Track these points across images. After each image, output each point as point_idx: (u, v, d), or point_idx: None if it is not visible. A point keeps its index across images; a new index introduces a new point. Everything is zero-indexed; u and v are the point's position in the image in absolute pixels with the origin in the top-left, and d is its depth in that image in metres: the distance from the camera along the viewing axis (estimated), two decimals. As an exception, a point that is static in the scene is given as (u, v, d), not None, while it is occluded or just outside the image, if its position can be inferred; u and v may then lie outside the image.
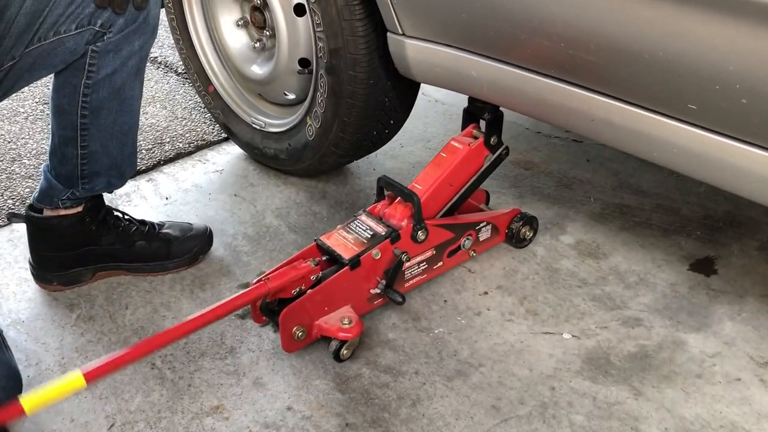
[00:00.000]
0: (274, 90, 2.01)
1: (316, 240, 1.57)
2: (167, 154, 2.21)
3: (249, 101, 2.13)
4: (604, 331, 1.54)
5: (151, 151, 2.22)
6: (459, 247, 1.68)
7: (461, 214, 1.73)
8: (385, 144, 2.02)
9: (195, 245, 1.74)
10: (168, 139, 2.29)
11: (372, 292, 1.55)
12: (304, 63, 1.86)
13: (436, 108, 2.48)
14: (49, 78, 1.49)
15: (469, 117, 1.74)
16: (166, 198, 2.02)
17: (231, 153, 2.23)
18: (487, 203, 1.87)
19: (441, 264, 1.67)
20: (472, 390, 1.41)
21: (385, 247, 1.53)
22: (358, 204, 1.98)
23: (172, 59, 2.83)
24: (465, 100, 1.75)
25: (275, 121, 2.05)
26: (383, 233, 1.55)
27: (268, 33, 1.97)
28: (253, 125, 2.09)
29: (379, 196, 1.67)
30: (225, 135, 2.28)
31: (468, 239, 1.69)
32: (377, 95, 1.76)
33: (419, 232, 1.56)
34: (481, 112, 1.70)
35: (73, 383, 1.17)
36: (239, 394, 1.41)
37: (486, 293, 1.65)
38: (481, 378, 1.44)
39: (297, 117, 1.95)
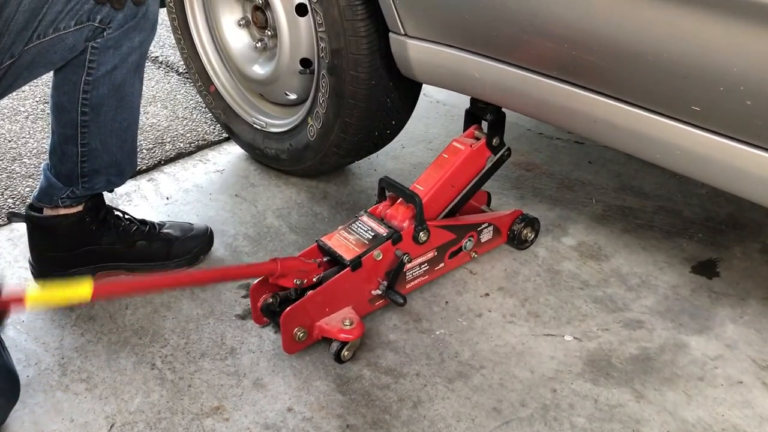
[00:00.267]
0: (275, 90, 2.01)
1: (317, 241, 1.57)
2: (168, 153, 2.21)
3: (250, 101, 2.13)
4: (605, 333, 1.53)
5: (152, 151, 2.22)
6: (460, 249, 1.68)
7: (463, 215, 1.73)
8: (387, 145, 2.01)
9: (196, 245, 1.74)
10: (169, 139, 2.28)
11: (373, 293, 1.55)
12: (305, 63, 1.86)
13: (437, 109, 2.48)
14: (49, 77, 1.49)
15: (471, 118, 1.74)
16: (166, 198, 2.02)
17: (232, 153, 2.23)
18: (489, 204, 1.87)
19: (442, 265, 1.66)
20: (473, 392, 1.41)
21: (387, 248, 1.53)
22: (359, 205, 1.97)
23: (173, 59, 2.82)
24: (466, 101, 1.74)
25: (276, 122, 2.05)
26: (385, 234, 1.54)
27: (269, 33, 1.96)
28: (255, 125, 2.08)
29: (381, 197, 1.66)
30: (226, 135, 2.28)
31: (470, 240, 1.69)
32: (379, 96, 1.76)
33: (421, 233, 1.56)
34: (484, 112, 1.69)
35: (80, 292, 1.18)
36: (239, 395, 1.41)
37: (487, 295, 1.65)
38: (482, 380, 1.43)
39: (298, 117, 1.94)
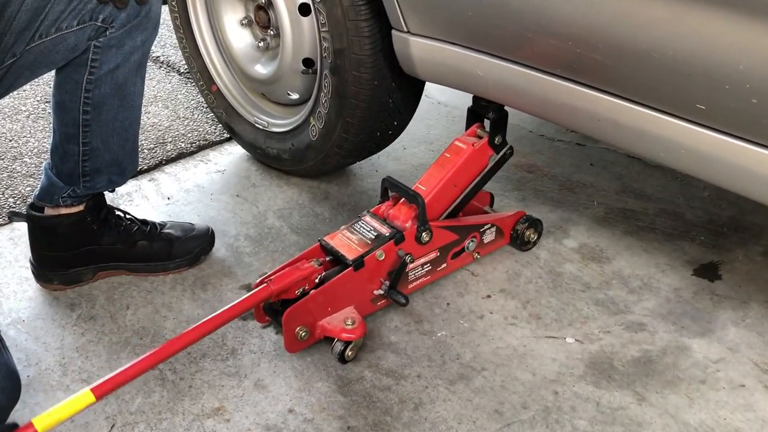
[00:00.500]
0: (277, 90, 2.00)
1: (319, 240, 1.57)
2: (169, 153, 2.21)
3: (252, 101, 2.13)
4: (607, 336, 1.53)
5: (153, 151, 2.21)
6: (463, 249, 1.68)
7: (465, 215, 1.72)
8: (388, 145, 2.01)
9: (197, 246, 1.73)
10: (170, 139, 2.28)
11: (375, 293, 1.55)
12: (308, 63, 1.86)
13: (439, 110, 2.48)
14: (51, 76, 1.49)
15: (474, 116, 1.73)
16: (167, 198, 2.01)
17: (233, 153, 2.22)
18: (492, 205, 1.86)
19: (445, 266, 1.66)
20: (474, 394, 1.40)
21: (389, 248, 1.53)
22: (360, 205, 1.97)
23: (174, 58, 2.82)
24: (468, 102, 1.74)
25: (278, 121, 2.04)
26: (387, 234, 1.54)
27: (272, 32, 1.96)
28: (256, 125, 2.08)
29: (384, 197, 1.66)
30: (227, 135, 2.28)
31: (472, 241, 1.69)
32: (381, 96, 1.76)
33: (423, 233, 1.56)
34: (486, 111, 1.69)
35: (84, 400, 1.20)
36: (240, 395, 1.41)
37: (489, 296, 1.65)
38: (484, 382, 1.43)
39: (300, 117, 1.94)
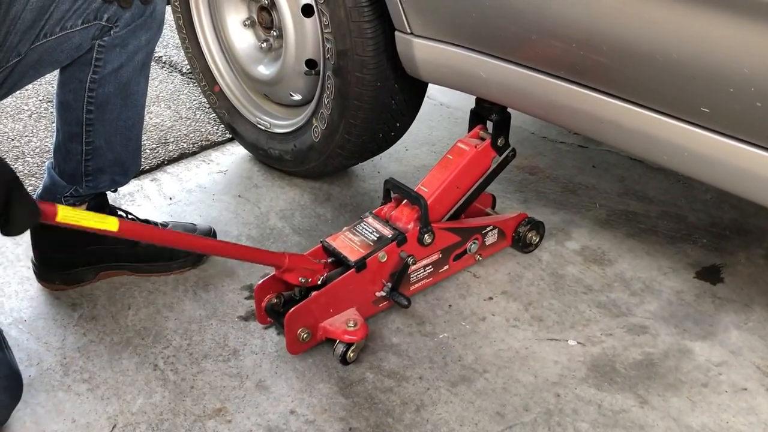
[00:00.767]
0: (280, 91, 2.00)
1: (322, 241, 1.57)
2: (171, 154, 2.21)
3: (254, 102, 2.13)
4: (609, 339, 1.53)
5: (155, 151, 2.21)
6: (465, 251, 1.68)
7: (468, 217, 1.72)
8: (391, 147, 2.01)
9: (199, 246, 1.73)
10: (172, 139, 2.28)
11: (377, 294, 1.55)
12: (310, 64, 1.86)
13: (441, 112, 2.47)
14: (53, 76, 1.49)
15: (476, 118, 1.73)
16: (169, 198, 2.01)
17: (235, 154, 2.22)
18: (494, 207, 1.86)
19: (447, 268, 1.66)
20: (476, 396, 1.40)
21: (392, 250, 1.52)
22: (362, 207, 1.97)
23: (176, 59, 2.82)
24: (470, 104, 1.74)
25: (281, 122, 2.04)
26: (390, 236, 1.54)
27: (275, 33, 1.96)
28: (259, 126, 2.08)
29: (386, 198, 1.66)
30: (229, 136, 2.28)
31: (474, 243, 1.69)
32: (384, 98, 1.76)
33: (426, 235, 1.56)
34: (489, 113, 1.69)
35: (107, 223, 1.18)
36: (242, 396, 1.40)
37: (491, 298, 1.65)
38: (486, 384, 1.43)
39: (303, 118, 1.94)
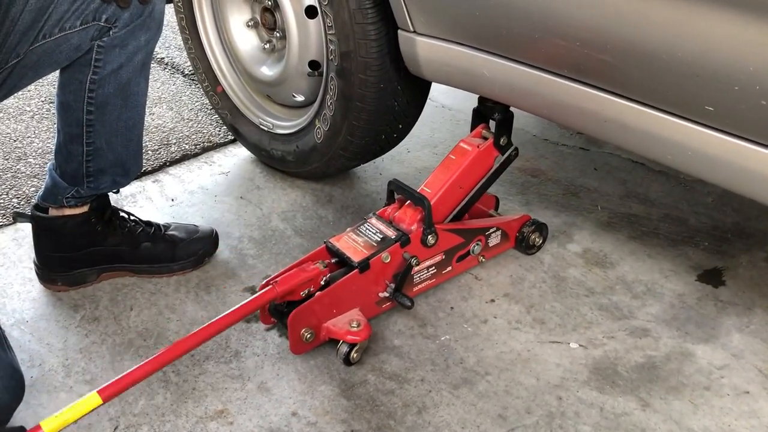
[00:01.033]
0: (283, 92, 2.00)
1: (325, 242, 1.57)
2: (173, 155, 2.21)
3: (257, 102, 2.13)
4: (611, 341, 1.53)
5: (157, 152, 2.21)
6: (468, 253, 1.68)
7: (471, 218, 1.72)
8: (393, 148, 2.01)
9: (200, 248, 1.73)
10: (174, 141, 2.28)
11: (381, 295, 1.55)
12: (314, 65, 1.86)
13: (443, 113, 2.47)
14: (55, 77, 1.48)
15: (479, 117, 1.73)
16: (171, 199, 2.01)
17: (237, 155, 2.22)
18: (497, 209, 1.86)
19: (450, 269, 1.66)
20: (478, 398, 1.40)
21: (395, 251, 1.52)
22: (364, 208, 1.97)
23: (178, 60, 2.82)
24: (472, 106, 1.74)
25: (283, 123, 2.04)
26: (393, 237, 1.54)
27: (278, 34, 1.96)
28: (261, 127, 2.08)
29: (389, 199, 1.66)
30: (231, 137, 2.28)
31: (477, 244, 1.69)
32: (387, 99, 1.76)
33: (429, 236, 1.56)
34: (492, 112, 1.68)
35: (91, 402, 1.21)
36: (244, 398, 1.40)
37: (493, 301, 1.64)
38: (488, 386, 1.43)
39: (305, 119, 1.94)
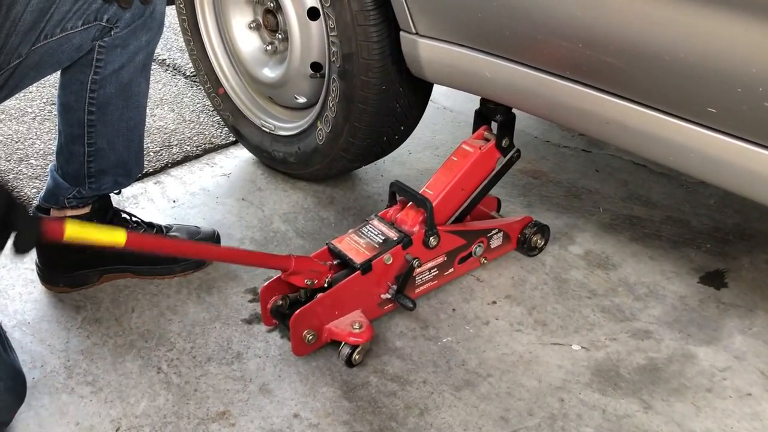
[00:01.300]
0: (284, 93, 2.01)
1: (327, 244, 1.56)
2: (175, 156, 2.21)
3: (259, 104, 2.13)
4: (613, 343, 1.53)
5: (159, 154, 2.21)
6: (470, 254, 1.68)
7: (473, 220, 1.72)
8: (394, 150, 2.01)
9: (202, 249, 1.73)
10: (176, 142, 2.28)
11: (383, 297, 1.54)
12: (316, 67, 1.86)
13: (444, 115, 2.48)
14: (57, 77, 1.48)
15: (481, 119, 1.73)
16: (173, 201, 2.01)
17: (239, 157, 2.22)
18: (499, 211, 1.86)
19: (452, 270, 1.66)
20: (480, 400, 1.40)
21: (397, 253, 1.52)
22: (365, 210, 1.97)
23: (180, 61, 2.82)
24: (473, 108, 1.74)
25: (285, 125, 2.05)
26: (395, 238, 1.54)
27: (280, 36, 1.96)
28: (263, 128, 2.08)
29: (391, 201, 1.66)
30: (233, 139, 2.28)
31: (479, 246, 1.68)
32: (389, 101, 1.76)
33: (431, 238, 1.55)
34: (493, 113, 1.68)
35: (115, 237, 1.18)
36: (245, 400, 1.40)
37: (494, 302, 1.64)
38: (490, 388, 1.42)
39: (307, 121, 1.94)
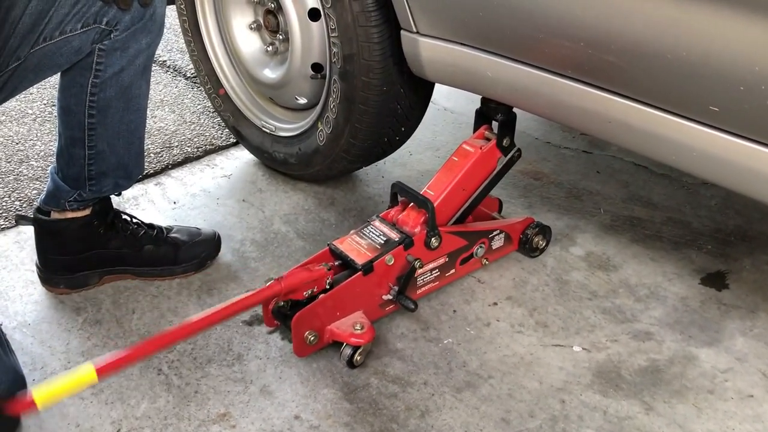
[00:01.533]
0: (285, 94, 2.00)
1: (329, 244, 1.56)
2: (175, 158, 2.20)
3: (260, 105, 2.13)
4: (614, 345, 1.53)
5: (159, 155, 2.21)
6: (472, 255, 1.67)
7: (474, 221, 1.72)
8: (395, 151, 2.01)
9: (203, 250, 1.73)
10: (176, 143, 2.28)
11: (384, 298, 1.54)
12: (316, 68, 1.85)
13: (445, 116, 2.47)
14: (57, 79, 1.48)
15: (482, 118, 1.73)
16: (173, 202, 2.01)
17: (239, 158, 2.22)
18: (500, 211, 1.86)
19: (453, 271, 1.65)
20: (481, 402, 1.40)
21: (399, 253, 1.52)
22: (366, 211, 1.97)
23: (180, 63, 2.82)
24: (474, 109, 1.74)
25: (286, 126, 2.04)
26: (397, 239, 1.54)
27: (281, 37, 1.96)
28: (264, 129, 2.08)
29: (393, 201, 1.66)
30: (234, 140, 2.28)
31: (481, 247, 1.68)
32: (390, 102, 1.76)
33: (433, 238, 1.55)
34: (494, 113, 1.68)
35: (85, 378, 1.15)
36: (246, 401, 1.40)
37: (495, 304, 1.64)
38: (491, 390, 1.42)
39: (308, 122, 1.94)
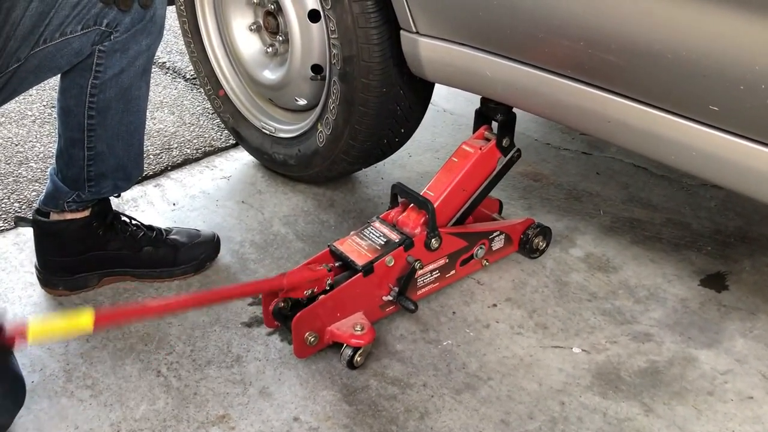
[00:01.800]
0: (285, 95, 2.00)
1: (329, 246, 1.56)
2: (175, 159, 2.20)
3: (259, 106, 2.13)
4: (614, 346, 1.52)
5: (159, 157, 2.21)
6: (472, 256, 1.67)
7: (475, 222, 1.72)
8: (395, 152, 2.01)
9: (202, 252, 1.73)
10: (176, 145, 2.28)
11: (384, 299, 1.54)
12: (316, 69, 1.86)
13: (444, 118, 2.47)
14: (57, 81, 1.48)
15: (481, 119, 1.73)
16: (173, 204, 2.01)
17: (239, 160, 2.22)
18: (500, 212, 1.86)
19: (453, 272, 1.65)
20: (480, 404, 1.39)
21: (399, 254, 1.52)
22: (366, 213, 1.97)
23: (180, 64, 2.82)
24: (473, 110, 1.74)
25: (285, 127, 2.04)
26: (397, 240, 1.54)
27: (281, 38, 1.96)
28: (263, 130, 2.08)
29: (393, 203, 1.66)
30: (233, 141, 2.28)
31: (481, 248, 1.68)
32: (389, 104, 1.76)
33: (433, 239, 1.55)
34: (494, 113, 1.68)
35: (82, 323, 1.14)
36: (245, 403, 1.40)
37: (495, 305, 1.64)
38: (490, 392, 1.42)
39: (308, 123, 1.94)
